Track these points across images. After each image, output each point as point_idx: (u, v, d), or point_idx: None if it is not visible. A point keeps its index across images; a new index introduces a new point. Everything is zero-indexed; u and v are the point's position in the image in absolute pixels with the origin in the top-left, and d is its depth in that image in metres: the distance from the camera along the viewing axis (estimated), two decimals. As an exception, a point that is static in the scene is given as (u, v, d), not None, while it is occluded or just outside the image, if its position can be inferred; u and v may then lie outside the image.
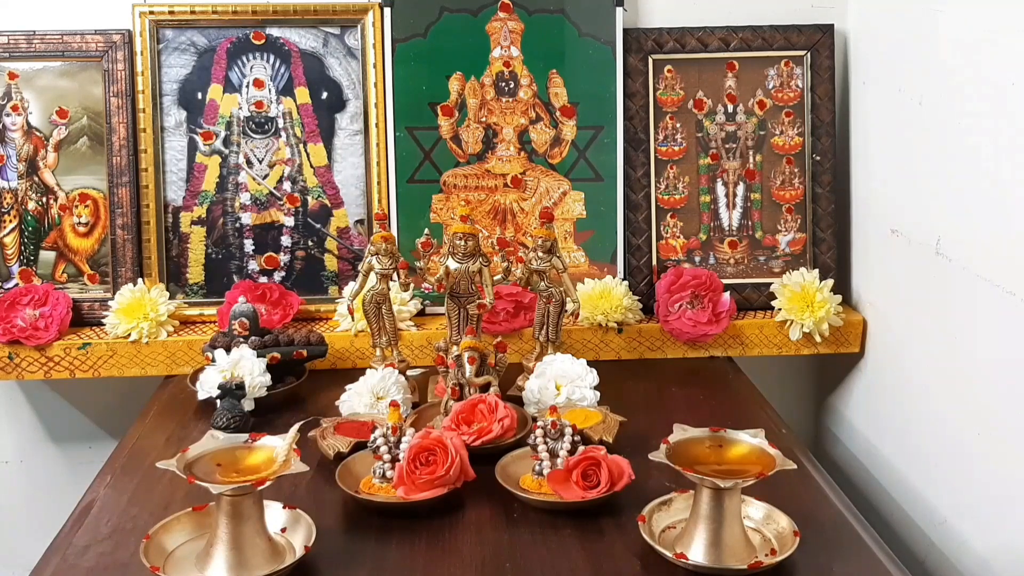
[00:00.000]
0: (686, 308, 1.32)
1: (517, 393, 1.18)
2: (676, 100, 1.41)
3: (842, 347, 1.36)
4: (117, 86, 1.36)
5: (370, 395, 1.12)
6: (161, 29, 1.36)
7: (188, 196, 1.38)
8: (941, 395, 1.15)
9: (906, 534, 1.20)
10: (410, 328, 1.34)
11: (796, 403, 1.57)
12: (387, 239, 1.16)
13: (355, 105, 1.40)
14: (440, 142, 1.40)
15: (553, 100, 1.40)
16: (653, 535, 0.87)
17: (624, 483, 0.93)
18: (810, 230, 1.40)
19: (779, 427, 1.15)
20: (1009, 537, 1.00)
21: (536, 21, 1.39)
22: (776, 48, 1.40)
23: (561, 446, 0.96)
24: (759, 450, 0.85)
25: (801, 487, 0.99)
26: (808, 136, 1.40)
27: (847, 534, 0.91)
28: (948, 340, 1.13)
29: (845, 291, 1.42)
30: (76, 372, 1.30)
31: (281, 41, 1.39)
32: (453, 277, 1.16)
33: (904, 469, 1.24)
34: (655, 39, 1.40)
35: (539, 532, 0.90)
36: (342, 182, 1.40)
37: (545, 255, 1.17)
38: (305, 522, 0.88)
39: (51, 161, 1.37)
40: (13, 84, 1.35)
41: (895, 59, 1.27)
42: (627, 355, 1.35)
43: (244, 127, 1.39)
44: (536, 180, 1.41)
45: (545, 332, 1.20)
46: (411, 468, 0.93)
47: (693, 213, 1.41)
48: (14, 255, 1.37)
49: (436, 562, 0.87)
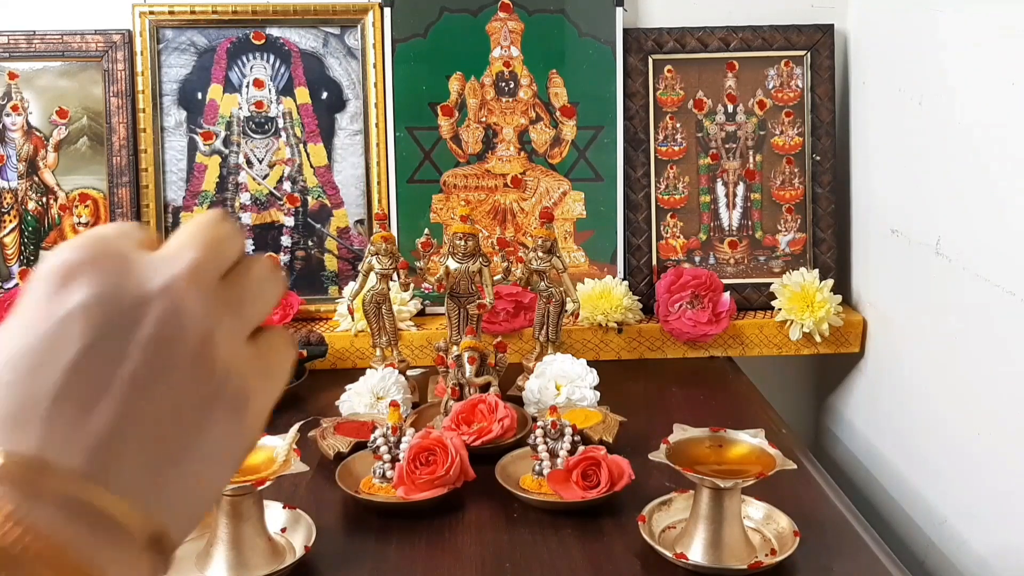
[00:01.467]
0: (686, 308, 1.32)
1: (517, 393, 1.18)
2: (676, 100, 1.41)
3: (842, 347, 1.36)
4: (117, 86, 1.36)
5: (370, 395, 1.12)
6: (161, 29, 1.36)
7: (188, 196, 1.38)
8: (941, 395, 1.15)
9: (906, 534, 1.20)
10: (410, 328, 1.34)
11: (796, 403, 1.57)
12: (387, 239, 1.16)
13: (355, 105, 1.40)
14: (440, 142, 1.40)
15: (553, 100, 1.40)
16: (653, 535, 0.87)
17: (624, 483, 0.93)
18: (810, 230, 1.40)
19: (779, 427, 1.15)
20: (1009, 537, 1.00)
21: (536, 21, 1.39)
22: (776, 48, 1.40)
23: (561, 446, 0.96)
24: (759, 450, 0.85)
25: (801, 487, 0.99)
26: (808, 136, 1.40)
27: (847, 534, 0.91)
28: (948, 340, 1.13)
29: (845, 291, 1.42)
30: (76, 372, 1.30)
31: (281, 41, 1.39)
32: (453, 277, 1.16)
33: (904, 469, 1.24)
34: (655, 39, 1.40)
35: (539, 532, 0.90)
36: (342, 182, 1.40)
37: (545, 255, 1.17)
38: (305, 522, 0.88)
39: (51, 161, 1.37)
40: (13, 84, 1.35)
41: (895, 59, 1.27)
42: (627, 355, 1.35)
43: (244, 127, 1.39)
44: (536, 180, 1.41)
45: (545, 332, 1.20)
46: (411, 468, 0.93)
47: (693, 213, 1.41)
48: (14, 255, 1.37)
49: (436, 562, 0.87)
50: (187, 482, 0.32)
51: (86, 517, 0.29)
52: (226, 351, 0.33)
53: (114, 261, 0.32)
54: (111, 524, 0.30)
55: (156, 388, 0.31)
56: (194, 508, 0.33)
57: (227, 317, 0.33)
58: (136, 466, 0.31)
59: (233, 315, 0.34)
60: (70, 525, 0.29)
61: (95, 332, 0.31)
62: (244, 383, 0.34)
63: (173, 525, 0.32)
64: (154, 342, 0.31)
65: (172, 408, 0.31)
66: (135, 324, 0.31)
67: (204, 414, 0.32)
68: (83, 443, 0.30)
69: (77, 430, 0.30)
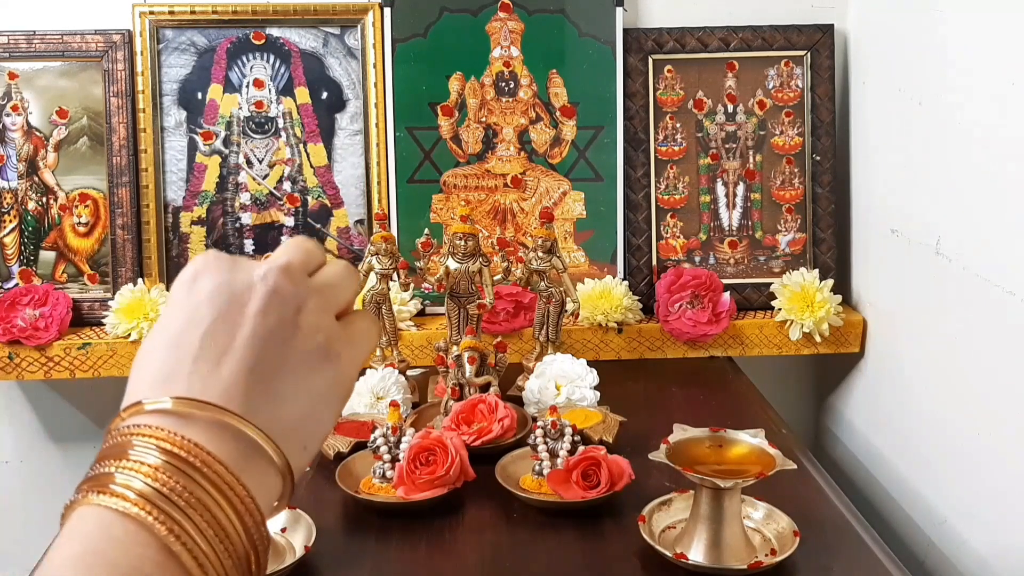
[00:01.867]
0: (686, 308, 1.32)
1: (517, 393, 1.18)
2: (676, 100, 1.41)
3: (842, 347, 1.36)
4: (117, 86, 1.36)
5: (370, 395, 1.12)
6: (161, 29, 1.36)
7: (188, 196, 1.38)
8: (941, 395, 1.15)
9: (906, 534, 1.20)
10: (410, 328, 1.34)
11: (796, 403, 1.57)
12: (387, 239, 1.16)
13: (355, 105, 1.40)
14: (440, 142, 1.40)
15: (553, 100, 1.40)
16: (653, 535, 0.87)
17: (624, 483, 0.93)
18: (810, 230, 1.40)
19: (779, 427, 1.15)
20: (1009, 537, 1.00)
21: (536, 21, 1.39)
22: (776, 48, 1.40)
23: (561, 446, 0.96)
24: (759, 450, 0.85)
25: (801, 487, 0.99)
26: (808, 136, 1.41)
27: (847, 534, 0.91)
28: (948, 340, 1.13)
29: (845, 291, 1.42)
30: (76, 372, 1.31)
31: (281, 41, 1.39)
32: (453, 277, 1.16)
33: (904, 469, 1.24)
34: (655, 39, 1.40)
35: (539, 532, 0.90)
36: (342, 182, 1.40)
37: (545, 255, 1.17)
38: (305, 522, 0.88)
39: (51, 161, 1.37)
40: (13, 84, 1.36)
41: (895, 59, 1.27)
42: (627, 355, 1.35)
43: (244, 127, 1.39)
44: (536, 180, 1.41)
45: (545, 332, 1.20)
46: (411, 468, 0.93)
47: (693, 213, 1.42)
48: (14, 255, 1.37)
49: (436, 562, 0.87)
50: (300, 414, 0.45)
51: (228, 435, 0.42)
52: (315, 318, 0.46)
53: (226, 262, 0.46)
54: (246, 440, 0.43)
55: (265, 345, 0.44)
56: (308, 439, 0.46)
57: (313, 297, 0.47)
58: (258, 401, 0.43)
59: (318, 295, 0.47)
60: (219, 441, 0.42)
61: (218, 310, 0.44)
62: (332, 343, 0.47)
63: (291, 451, 0.44)
64: (260, 313, 0.45)
65: (279, 358, 0.45)
66: (246, 302, 0.45)
67: (305, 364, 0.45)
68: (217, 388, 0.43)
69: (211, 378, 0.43)
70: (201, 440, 0.41)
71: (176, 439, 0.41)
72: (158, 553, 0.39)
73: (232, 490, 0.41)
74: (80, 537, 0.40)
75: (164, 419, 0.42)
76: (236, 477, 0.42)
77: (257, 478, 0.43)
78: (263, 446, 0.43)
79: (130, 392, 0.44)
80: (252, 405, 0.43)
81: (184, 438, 0.41)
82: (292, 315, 0.45)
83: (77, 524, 0.40)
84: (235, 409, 0.43)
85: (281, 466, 0.44)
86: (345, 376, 0.48)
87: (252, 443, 0.43)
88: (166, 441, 0.41)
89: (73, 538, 0.40)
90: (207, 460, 0.41)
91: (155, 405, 0.42)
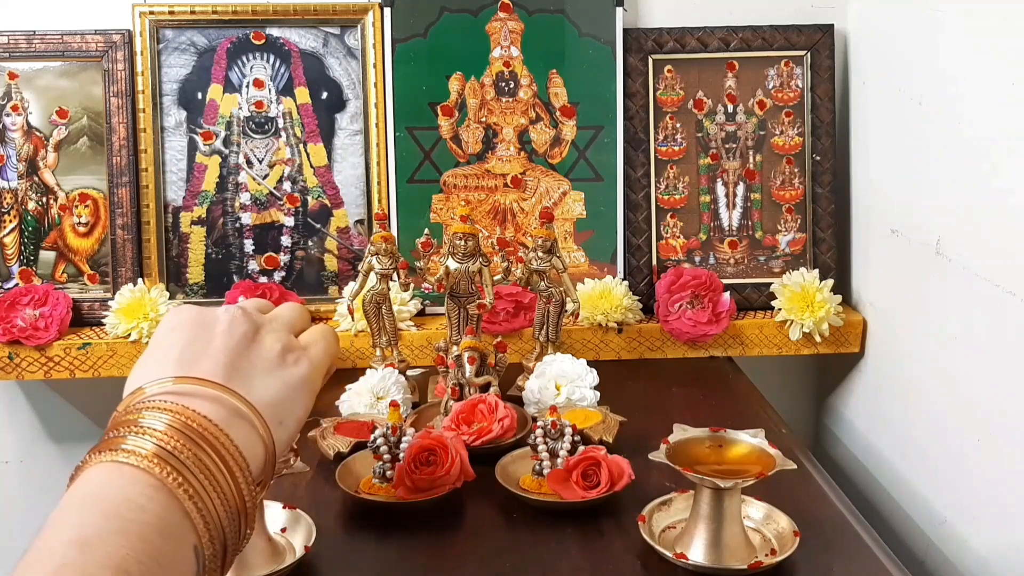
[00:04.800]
0: (686, 308, 1.32)
1: (517, 393, 1.18)
2: (676, 100, 1.41)
3: (842, 347, 1.36)
4: (117, 86, 1.36)
5: (370, 395, 1.12)
6: (161, 29, 1.36)
7: (188, 196, 1.38)
8: (941, 395, 1.15)
9: (906, 534, 1.20)
10: (410, 328, 1.34)
11: (796, 403, 1.57)
12: (387, 239, 1.16)
13: (355, 105, 1.40)
14: (440, 142, 1.40)
15: (553, 100, 1.40)
16: (653, 535, 0.87)
17: (624, 483, 0.93)
18: (810, 230, 1.40)
19: (779, 427, 1.15)
20: (1009, 537, 1.00)
21: (536, 21, 1.39)
22: (776, 48, 1.40)
23: (561, 446, 0.96)
24: (759, 450, 0.85)
25: (801, 487, 0.99)
26: (808, 136, 1.41)
27: (847, 534, 0.91)
28: (948, 340, 1.13)
29: (845, 291, 1.42)
30: (76, 372, 1.31)
31: (281, 41, 1.39)
32: (453, 277, 1.16)
33: (904, 469, 1.24)
34: (655, 39, 1.40)
35: (539, 532, 0.90)
36: (342, 182, 1.40)
37: (545, 255, 1.17)
38: (305, 522, 0.88)
39: (51, 161, 1.37)
40: (13, 84, 1.36)
41: (895, 59, 1.27)
42: (627, 355, 1.36)
43: (244, 127, 1.39)
44: (536, 180, 1.41)
45: (545, 332, 1.20)
46: (411, 468, 0.93)
47: (693, 213, 1.42)
48: (14, 255, 1.37)
49: (436, 562, 0.87)
50: (272, 397, 0.56)
51: (218, 404, 0.53)
52: (273, 334, 0.60)
53: (197, 309, 0.60)
54: (229, 406, 0.53)
55: (234, 349, 0.57)
56: (284, 416, 0.56)
57: (268, 322, 0.61)
58: (235, 383, 0.54)
59: (273, 321, 0.61)
60: (211, 407, 0.52)
61: (193, 333, 0.57)
62: (292, 347, 0.60)
63: (269, 422, 0.54)
64: (226, 332, 0.57)
65: (246, 360, 0.57)
66: (213, 325, 0.58)
67: (270, 362, 0.58)
68: (200, 374, 0.54)
69: (194, 372, 0.54)
70: (206, 411, 0.51)
71: (180, 407, 0.51)
72: (150, 489, 0.47)
73: (225, 448, 0.50)
74: (83, 483, 0.48)
75: (167, 396, 0.52)
76: (227, 435, 0.51)
77: (243, 437, 0.52)
78: (245, 411, 0.53)
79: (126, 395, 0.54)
80: (232, 384, 0.54)
81: (187, 407, 0.51)
82: (252, 332, 0.58)
83: (83, 478, 0.48)
84: (229, 387, 0.54)
85: (262, 431, 0.54)
86: (310, 371, 0.59)
87: (235, 408, 0.53)
88: (171, 411, 0.50)
89: (77, 488, 0.47)
90: (204, 424, 0.51)
91: (158, 386, 0.53)
